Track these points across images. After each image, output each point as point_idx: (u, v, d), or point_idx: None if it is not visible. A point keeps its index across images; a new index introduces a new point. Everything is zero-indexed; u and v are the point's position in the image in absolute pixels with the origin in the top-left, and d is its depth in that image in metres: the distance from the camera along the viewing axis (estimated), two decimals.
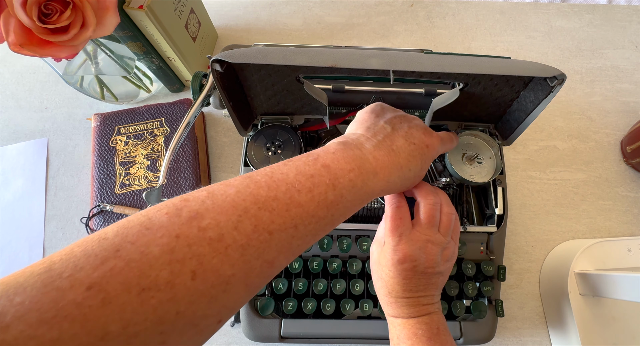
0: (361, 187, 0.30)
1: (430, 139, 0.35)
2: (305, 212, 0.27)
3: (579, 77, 0.70)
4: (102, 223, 0.56)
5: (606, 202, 0.62)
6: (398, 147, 0.33)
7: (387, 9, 0.77)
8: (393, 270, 0.36)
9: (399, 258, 0.35)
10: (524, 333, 0.54)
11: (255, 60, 0.36)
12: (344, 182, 0.29)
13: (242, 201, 0.24)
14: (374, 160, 0.31)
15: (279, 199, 0.26)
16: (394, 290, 0.36)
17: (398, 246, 0.35)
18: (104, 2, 0.44)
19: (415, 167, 0.33)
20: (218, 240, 0.22)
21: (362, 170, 0.30)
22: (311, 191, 0.28)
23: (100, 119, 0.62)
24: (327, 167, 0.29)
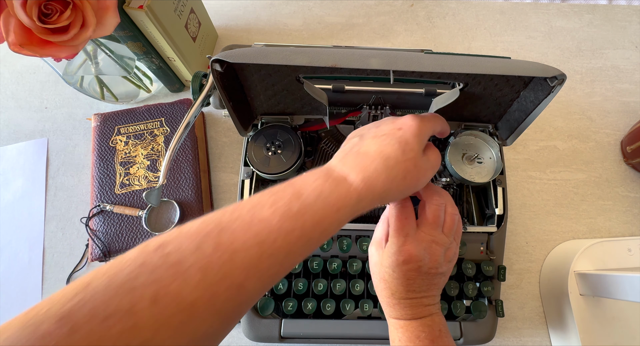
0: (329, 193, 0.28)
1: (400, 122, 0.33)
2: (269, 226, 0.26)
3: (579, 77, 0.70)
4: (102, 223, 0.56)
5: (606, 202, 0.62)
6: (367, 146, 0.32)
7: (387, 9, 0.77)
8: (397, 270, 0.35)
9: (404, 258, 0.35)
10: (524, 333, 0.54)
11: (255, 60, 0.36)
12: (308, 190, 0.28)
13: (205, 226, 0.25)
14: (341, 166, 0.31)
15: (242, 218, 0.26)
16: (397, 291, 0.36)
17: (404, 246, 0.35)
18: (104, 2, 0.44)
19: (395, 153, 0.31)
20: (178, 263, 0.22)
21: (327, 177, 0.29)
22: (274, 204, 0.27)
23: (100, 119, 0.62)
24: (292, 183, 0.29)
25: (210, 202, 0.61)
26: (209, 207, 0.60)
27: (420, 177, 0.33)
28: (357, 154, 0.32)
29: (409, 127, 0.33)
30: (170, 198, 0.57)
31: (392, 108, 0.50)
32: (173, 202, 0.57)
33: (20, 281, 0.57)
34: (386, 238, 0.37)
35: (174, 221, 0.56)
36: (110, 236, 0.55)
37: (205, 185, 0.60)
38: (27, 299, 0.56)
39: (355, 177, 0.30)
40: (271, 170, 0.47)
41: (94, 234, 0.55)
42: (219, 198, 0.62)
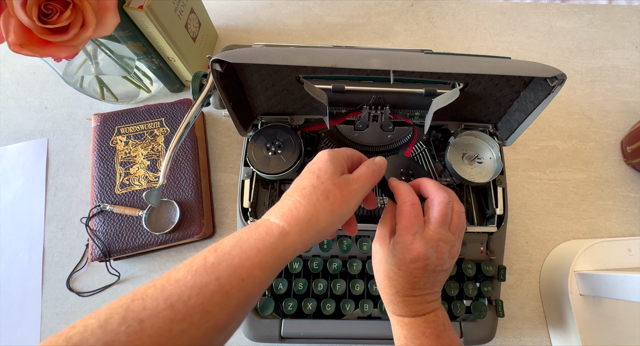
0: (247, 237, 0.29)
1: (314, 159, 0.35)
2: (183, 285, 0.25)
3: (579, 77, 0.70)
4: (102, 223, 0.56)
5: (606, 202, 0.62)
6: (287, 191, 0.34)
7: (387, 9, 0.77)
8: (404, 268, 0.35)
9: (412, 257, 0.34)
10: (524, 333, 0.54)
11: (255, 60, 0.36)
12: (225, 241, 0.29)
13: (119, 300, 0.24)
14: (265, 216, 0.32)
15: (155, 285, 0.25)
16: (402, 288, 0.36)
17: (412, 245, 0.34)
18: (104, 2, 0.44)
19: (310, 181, 0.32)
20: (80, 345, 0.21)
21: (248, 227, 0.30)
22: (191, 262, 0.27)
23: (100, 119, 0.62)
24: (215, 244, 0.29)
25: (210, 202, 0.61)
26: (209, 207, 0.60)
27: (346, 194, 0.33)
28: (278, 202, 0.33)
29: (319, 158, 0.34)
30: (170, 198, 0.57)
31: (392, 108, 0.50)
32: (173, 202, 0.57)
33: (20, 281, 0.57)
34: (390, 234, 0.37)
35: (174, 221, 0.56)
36: (110, 236, 0.55)
37: (205, 185, 0.60)
38: (27, 299, 0.56)
39: (275, 217, 0.31)
40: (271, 170, 0.47)
41: (94, 234, 0.55)
42: (219, 198, 0.62)
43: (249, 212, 0.48)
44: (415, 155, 0.53)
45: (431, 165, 0.51)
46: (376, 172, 0.36)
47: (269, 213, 0.32)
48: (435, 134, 0.53)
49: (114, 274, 0.56)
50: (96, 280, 0.57)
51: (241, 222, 0.48)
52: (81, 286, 0.57)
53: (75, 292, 0.56)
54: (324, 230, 0.32)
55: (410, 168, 0.42)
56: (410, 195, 0.36)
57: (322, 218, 0.31)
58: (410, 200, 0.36)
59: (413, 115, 0.51)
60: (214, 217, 0.61)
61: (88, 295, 0.56)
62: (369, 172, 0.35)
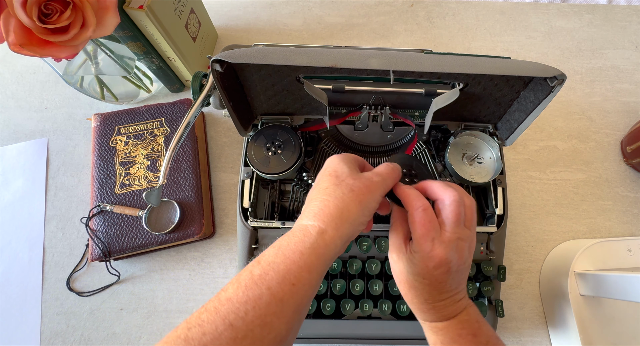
0: (287, 243, 0.29)
1: (324, 165, 0.36)
2: (236, 302, 0.26)
3: (579, 77, 0.70)
4: (102, 223, 0.56)
5: (606, 202, 0.62)
6: (309, 197, 0.34)
7: (387, 9, 0.77)
8: (428, 276, 0.34)
9: (435, 264, 0.33)
10: (524, 333, 0.54)
11: (255, 60, 0.36)
12: (267, 252, 0.29)
13: (174, 332, 0.25)
14: (297, 222, 0.32)
15: (207, 308, 0.26)
16: (430, 296, 0.35)
17: (432, 252, 0.33)
18: (104, 2, 0.44)
19: (331, 181, 0.33)
20: None
21: (284, 235, 0.31)
22: (237, 280, 0.27)
23: (100, 119, 0.62)
24: (257, 257, 0.30)
25: (210, 202, 0.61)
26: (209, 207, 0.60)
27: (369, 185, 0.33)
28: (304, 209, 0.34)
29: (331, 162, 0.35)
30: (170, 198, 0.57)
31: (392, 108, 0.50)
32: (173, 202, 0.57)
33: (20, 281, 0.57)
34: (405, 241, 0.36)
35: (174, 221, 0.56)
36: (110, 236, 0.55)
37: (205, 185, 0.60)
38: (27, 299, 0.56)
39: (307, 218, 0.31)
40: (271, 170, 0.47)
41: (94, 234, 0.55)
42: (219, 198, 0.62)
43: (249, 212, 0.48)
44: (416, 155, 0.53)
45: (431, 165, 0.51)
46: (395, 170, 0.36)
47: (300, 218, 0.32)
48: (435, 134, 0.53)
49: (114, 274, 0.56)
50: (96, 280, 0.57)
51: (241, 222, 0.48)
52: (81, 286, 0.57)
53: (75, 292, 0.56)
54: (356, 222, 0.32)
55: (413, 168, 0.42)
56: (420, 200, 0.35)
57: (352, 209, 0.31)
58: (421, 205, 0.35)
59: (413, 115, 0.51)
60: (214, 217, 0.61)
61: (88, 295, 0.56)
62: (389, 169, 0.36)
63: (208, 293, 0.56)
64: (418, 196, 0.35)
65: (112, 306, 0.56)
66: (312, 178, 0.49)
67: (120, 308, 0.56)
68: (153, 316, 0.55)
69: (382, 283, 0.48)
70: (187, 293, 0.56)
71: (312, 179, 0.49)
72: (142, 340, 0.54)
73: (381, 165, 0.37)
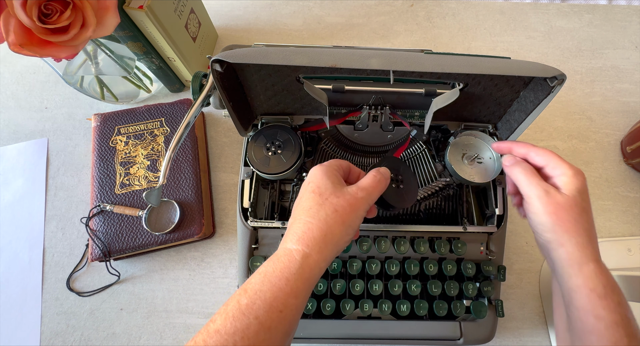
0: (273, 269, 0.30)
1: (307, 178, 0.36)
2: (225, 334, 0.26)
3: (579, 77, 0.70)
4: (102, 223, 0.56)
5: (606, 202, 0.62)
6: (293, 216, 0.35)
7: (387, 9, 0.77)
8: (586, 192, 0.37)
9: (583, 175, 0.37)
10: (524, 333, 0.54)
11: (255, 60, 0.36)
12: (253, 280, 0.30)
13: None
14: (281, 246, 0.33)
15: (197, 342, 0.26)
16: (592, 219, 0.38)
17: (574, 168, 0.38)
18: (104, 2, 0.44)
19: (314, 200, 0.33)
20: None
21: (269, 261, 0.31)
22: (225, 309, 0.28)
23: (100, 119, 0.62)
24: (243, 285, 0.30)
25: (210, 202, 0.61)
26: (209, 207, 0.60)
27: (353, 203, 0.34)
28: (288, 229, 0.34)
29: (314, 176, 0.35)
30: (170, 198, 0.57)
31: (392, 108, 0.50)
32: (173, 202, 0.57)
33: (20, 281, 0.57)
34: (536, 182, 0.38)
35: (174, 221, 0.56)
36: (110, 236, 0.55)
37: (205, 185, 0.60)
38: (27, 299, 0.56)
39: (292, 242, 0.32)
40: (271, 170, 0.47)
41: (94, 234, 0.55)
42: (219, 198, 0.62)
43: (249, 212, 0.48)
44: (415, 155, 0.53)
45: (431, 165, 0.51)
46: (382, 180, 0.37)
47: (284, 241, 0.33)
48: (435, 134, 0.53)
49: (114, 274, 0.56)
50: (96, 280, 0.57)
51: (241, 222, 0.48)
52: (81, 286, 0.57)
53: (75, 292, 0.56)
54: (340, 242, 0.33)
55: (400, 172, 0.42)
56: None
57: (335, 231, 0.32)
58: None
59: (413, 115, 0.51)
60: (214, 217, 0.61)
61: (88, 295, 0.56)
62: (376, 180, 0.36)
63: (208, 293, 0.56)
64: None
65: (112, 306, 0.56)
66: None
67: (120, 308, 0.56)
68: (153, 316, 0.55)
69: (382, 283, 0.48)
70: (187, 293, 0.56)
71: None
72: (142, 340, 0.54)
73: (369, 174, 0.37)
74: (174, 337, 0.54)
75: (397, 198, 0.41)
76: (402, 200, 0.41)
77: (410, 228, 0.48)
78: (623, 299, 0.34)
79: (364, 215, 0.35)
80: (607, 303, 0.33)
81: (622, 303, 0.34)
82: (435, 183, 0.49)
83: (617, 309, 0.33)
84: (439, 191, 0.49)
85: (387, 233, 0.49)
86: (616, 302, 0.33)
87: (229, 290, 0.56)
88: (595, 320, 0.33)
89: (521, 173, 0.39)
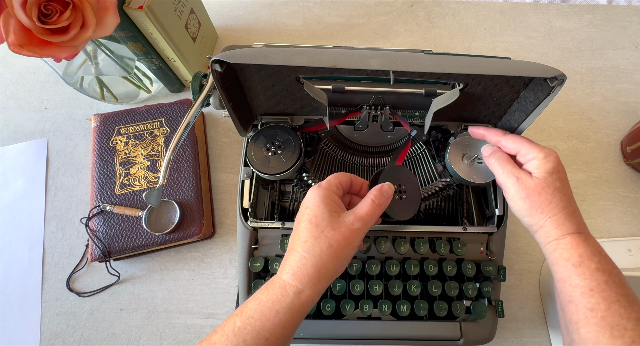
0: (267, 299, 0.32)
1: (304, 201, 0.37)
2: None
3: (579, 78, 0.70)
4: (102, 223, 0.56)
5: (606, 203, 0.62)
6: (290, 244, 0.35)
7: (387, 9, 0.77)
8: (563, 171, 0.39)
9: (556, 157, 0.39)
10: (524, 333, 0.54)
11: (255, 60, 0.36)
12: (250, 304, 0.32)
13: None
14: (278, 273, 0.34)
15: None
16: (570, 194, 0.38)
17: (547, 149, 0.39)
18: (104, 2, 0.44)
19: (310, 232, 0.34)
20: None
21: (266, 287, 0.33)
22: (223, 327, 0.31)
23: (100, 119, 0.62)
24: (241, 307, 0.33)
25: (210, 202, 0.61)
26: (209, 207, 0.60)
27: (348, 235, 0.34)
28: (285, 257, 0.35)
29: (310, 201, 0.36)
30: (170, 198, 0.57)
31: (392, 108, 0.50)
32: (173, 202, 0.57)
33: (20, 282, 0.57)
34: (509, 170, 0.40)
35: (174, 221, 0.56)
36: (110, 236, 0.55)
37: (205, 185, 0.60)
38: (27, 299, 0.56)
39: (287, 275, 0.33)
40: (271, 170, 0.47)
41: (94, 234, 0.55)
42: (219, 198, 0.62)
43: (249, 212, 0.48)
44: (415, 156, 0.53)
45: (431, 166, 0.51)
46: (382, 205, 0.37)
47: (281, 269, 0.34)
48: (435, 134, 0.53)
49: (114, 274, 0.56)
50: (96, 280, 0.57)
51: (241, 222, 0.48)
52: (81, 287, 0.57)
53: (75, 292, 0.56)
54: (334, 275, 0.34)
55: (402, 182, 0.42)
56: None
57: (329, 266, 0.33)
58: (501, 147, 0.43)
59: (413, 116, 0.51)
60: (214, 217, 0.61)
61: (88, 295, 0.56)
62: (374, 207, 0.36)
63: (208, 294, 0.56)
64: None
65: (112, 307, 0.56)
66: (312, 179, 0.49)
67: (120, 309, 0.56)
68: (153, 317, 0.55)
69: (382, 284, 0.48)
70: (187, 293, 0.56)
71: (312, 179, 0.49)
72: (142, 340, 0.54)
73: (367, 198, 0.37)
74: (173, 337, 0.54)
75: (400, 211, 0.40)
76: (405, 211, 0.41)
77: (410, 228, 0.48)
78: (604, 266, 0.34)
79: (359, 244, 0.36)
80: (582, 270, 0.34)
81: (600, 269, 0.34)
82: (435, 183, 0.49)
83: (593, 275, 0.33)
84: (439, 191, 0.49)
85: (387, 234, 0.49)
86: (592, 269, 0.34)
87: (229, 290, 0.56)
88: (572, 288, 0.34)
89: (495, 163, 0.41)
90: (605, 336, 0.31)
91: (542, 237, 0.38)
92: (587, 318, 0.32)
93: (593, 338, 0.31)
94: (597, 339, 0.31)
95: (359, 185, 0.40)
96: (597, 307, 0.32)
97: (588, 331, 0.32)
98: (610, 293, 0.32)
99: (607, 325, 0.31)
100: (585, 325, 0.32)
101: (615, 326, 0.31)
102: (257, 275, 0.49)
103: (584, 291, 0.33)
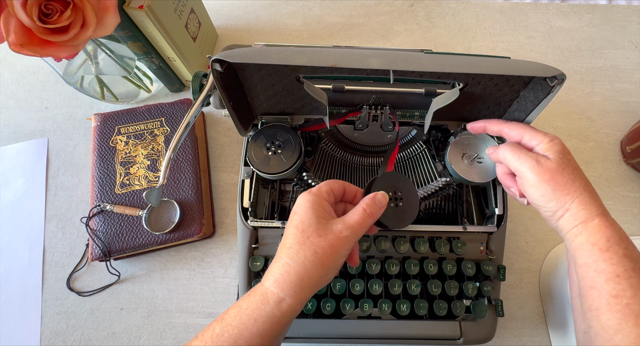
0: (247, 306, 0.31)
1: (294, 206, 0.36)
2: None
3: (579, 77, 0.70)
4: (102, 223, 0.56)
5: (606, 202, 0.61)
6: (278, 251, 0.34)
7: (387, 9, 0.77)
8: (569, 153, 0.37)
9: (560, 140, 0.38)
10: (524, 333, 0.54)
11: (255, 60, 0.36)
12: (230, 311, 0.31)
13: None
14: (262, 281, 0.33)
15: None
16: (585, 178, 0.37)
17: (553, 139, 0.38)
18: (104, 2, 0.44)
19: (296, 238, 0.33)
20: None
21: (248, 295, 0.32)
22: (203, 332, 0.30)
23: (100, 119, 0.62)
24: (223, 313, 0.32)
25: (210, 202, 0.61)
26: (209, 207, 0.60)
27: (335, 243, 0.33)
28: (271, 265, 0.34)
29: (299, 207, 0.34)
30: (170, 198, 0.57)
31: (392, 108, 0.50)
32: (173, 202, 0.57)
33: (20, 281, 0.57)
34: (524, 155, 0.38)
35: (174, 221, 0.56)
36: (111, 236, 0.55)
37: (205, 185, 0.60)
38: (27, 299, 0.56)
39: (269, 282, 0.32)
40: (271, 170, 0.47)
41: (94, 234, 0.55)
42: (219, 198, 0.62)
43: (249, 212, 0.48)
44: (415, 155, 0.53)
45: (431, 165, 0.51)
46: (374, 214, 0.35)
47: (265, 276, 0.33)
48: (435, 134, 0.53)
49: (114, 274, 0.56)
50: (96, 280, 0.57)
51: (241, 221, 0.48)
52: (81, 286, 0.57)
53: (75, 292, 0.56)
54: (319, 284, 0.33)
55: (398, 188, 0.40)
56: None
57: (313, 274, 0.32)
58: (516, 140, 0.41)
59: (413, 115, 0.51)
60: (214, 216, 0.61)
61: (88, 295, 0.56)
62: (365, 216, 0.35)
63: (208, 293, 0.56)
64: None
65: (112, 306, 0.56)
66: (312, 178, 0.49)
67: (120, 308, 0.56)
68: (153, 316, 0.55)
69: (382, 283, 0.48)
70: (187, 292, 0.56)
71: (312, 179, 0.49)
72: (142, 339, 0.54)
73: (359, 208, 0.35)
74: (174, 337, 0.54)
75: (396, 219, 0.39)
76: (401, 219, 0.39)
77: (410, 227, 0.49)
78: (631, 252, 0.33)
79: (347, 253, 0.34)
80: (610, 255, 0.32)
81: (628, 256, 0.32)
82: (435, 183, 0.49)
83: (621, 261, 0.32)
84: (439, 191, 0.50)
85: (387, 233, 0.49)
86: (620, 255, 0.32)
87: (229, 289, 0.57)
88: (596, 274, 0.32)
89: (507, 151, 0.39)
90: (629, 323, 0.30)
91: (567, 221, 0.36)
92: (610, 305, 0.31)
93: (615, 325, 0.31)
94: (619, 326, 0.30)
95: (353, 193, 0.39)
96: (622, 294, 0.31)
97: (609, 319, 0.31)
98: (637, 281, 0.31)
99: (632, 313, 0.30)
100: (607, 311, 0.31)
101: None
102: (257, 274, 0.49)
103: (609, 277, 0.32)
